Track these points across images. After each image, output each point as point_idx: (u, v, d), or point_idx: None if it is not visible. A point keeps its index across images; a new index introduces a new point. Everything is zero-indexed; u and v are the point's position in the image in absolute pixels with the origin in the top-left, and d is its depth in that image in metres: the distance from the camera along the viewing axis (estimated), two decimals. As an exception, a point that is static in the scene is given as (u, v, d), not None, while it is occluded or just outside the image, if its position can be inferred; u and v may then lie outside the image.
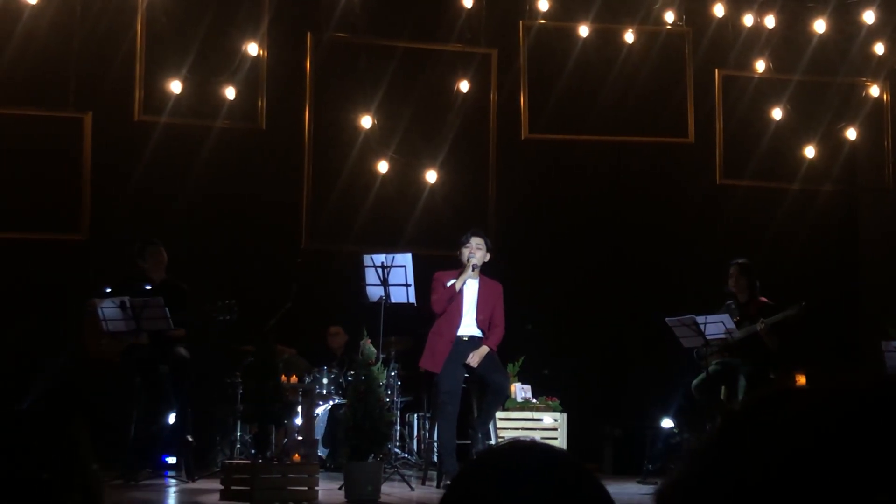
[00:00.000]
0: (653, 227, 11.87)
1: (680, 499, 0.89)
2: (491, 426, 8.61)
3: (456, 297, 8.55)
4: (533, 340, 10.70)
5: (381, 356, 8.36)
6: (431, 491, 8.34)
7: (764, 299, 9.63)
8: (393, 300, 9.15)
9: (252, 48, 11.24)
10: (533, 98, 11.92)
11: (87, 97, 10.90)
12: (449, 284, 8.57)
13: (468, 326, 8.61)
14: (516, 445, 1.23)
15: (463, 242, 8.64)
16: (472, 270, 8.53)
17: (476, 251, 8.55)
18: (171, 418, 8.76)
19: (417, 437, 10.55)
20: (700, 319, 8.98)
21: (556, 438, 9.60)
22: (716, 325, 9.01)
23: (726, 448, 0.87)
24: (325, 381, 10.41)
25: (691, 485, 0.89)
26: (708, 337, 9.00)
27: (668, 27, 11.98)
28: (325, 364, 10.61)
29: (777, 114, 12.07)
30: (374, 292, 9.20)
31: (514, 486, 1.19)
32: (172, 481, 8.68)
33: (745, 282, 9.63)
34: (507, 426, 9.41)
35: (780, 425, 0.85)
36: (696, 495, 0.88)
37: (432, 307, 8.64)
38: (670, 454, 9.73)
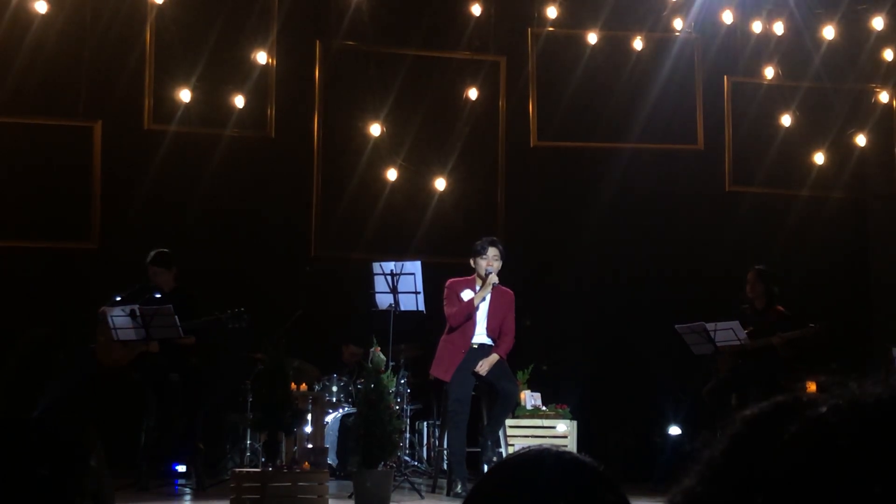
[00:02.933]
0: (662, 234, 11.86)
1: None
2: (501, 434, 8.60)
3: (472, 312, 8.52)
4: (541, 345, 10.68)
5: (391, 364, 8.36)
6: (441, 499, 8.33)
7: (781, 308, 9.59)
8: (402, 308, 9.16)
9: (261, 56, 11.27)
10: (542, 105, 11.94)
11: (97, 106, 10.94)
12: (467, 299, 8.51)
13: (479, 335, 8.60)
14: (538, 452, 1.24)
15: (479, 252, 8.54)
16: (492, 287, 8.50)
17: (493, 263, 8.49)
18: (182, 426, 8.77)
19: (427, 444, 10.54)
20: (710, 326, 8.96)
21: (566, 446, 9.57)
22: (726, 332, 8.99)
23: (740, 455, 0.87)
24: (334, 388, 10.41)
25: (704, 492, 0.89)
26: (718, 344, 8.98)
27: (677, 34, 11.99)
28: (335, 372, 10.61)
29: (786, 120, 12.07)
30: (384, 300, 9.21)
31: (535, 493, 1.19)
32: (183, 489, 8.70)
33: (762, 288, 9.60)
34: (517, 434, 9.40)
35: (796, 434, 0.85)
36: (710, 503, 0.88)
37: (448, 320, 8.59)
38: (681, 461, 9.70)
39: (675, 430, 10.30)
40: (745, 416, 0.91)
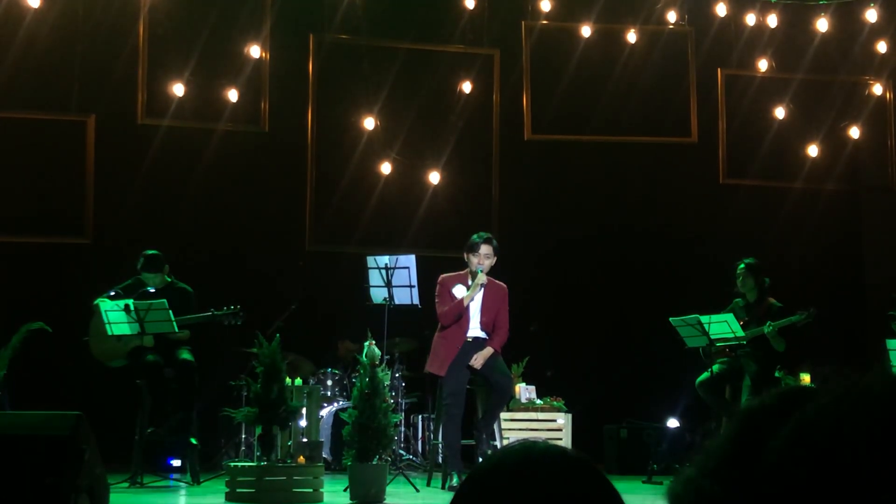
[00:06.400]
0: (656, 227, 11.87)
1: (694, 496, 0.89)
2: (495, 427, 8.60)
3: (463, 312, 8.50)
4: (537, 341, 10.70)
5: (386, 357, 8.35)
6: (436, 492, 8.33)
7: (772, 299, 9.62)
8: (397, 301, 9.16)
9: (254, 50, 11.25)
10: (536, 98, 11.93)
11: (90, 100, 10.92)
12: (458, 296, 8.48)
13: (473, 329, 8.59)
14: (526, 446, 1.23)
15: (472, 249, 8.51)
16: (480, 288, 8.47)
17: (484, 260, 8.44)
18: (176, 421, 8.76)
19: (422, 438, 10.55)
20: (704, 319, 8.96)
21: (560, 439, 9.59)
22: (720, 325, 8.99)
23: (744, 445, 0.88)
24: (329, 383, 10.42)
25: (707, 482, 0.89)
26: (712, 336, 8.99)
27: (671, 27, 11.99)
28: (330, 366, 10.61)
29: (780, 113, 12.07)
30: (378, 294, 9.21)
31: (523, 487, 1.18)
32: (177, 483, 8.69)
33: (752, 281, 9.62)
34: (512, 427, 9.40)
35: (799, 424, 0.85)
36: (712, 493, 0.88)
37: (440, 319, 8.57)
38: (677, 453, 9.73)
39: (672, 423, 10.31)
40: (749, 407, 0.91)
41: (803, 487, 0.82)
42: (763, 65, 12.10)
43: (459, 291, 8.53)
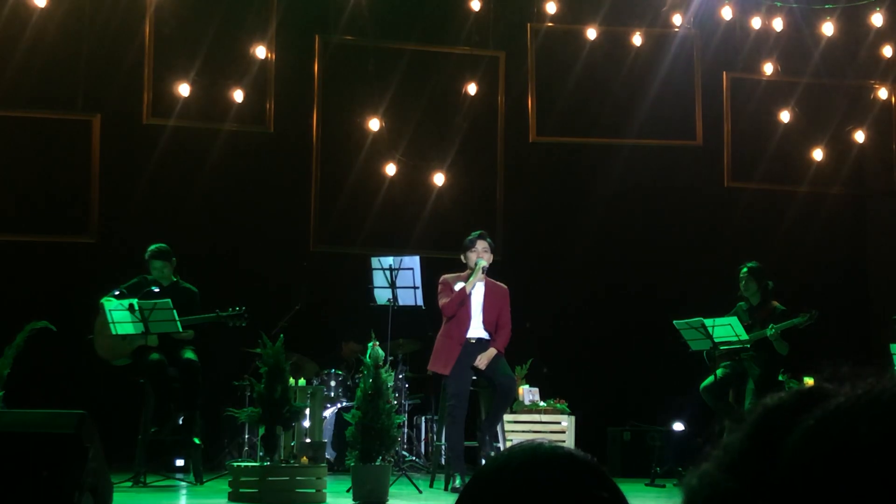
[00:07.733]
0: (661, 230, 11.86)
1: (709, 490, 0.89)
2: (499, 429, 8.60)
3: (465, 299, 8.54)
4: (540, 341, 10.69)
5: (389, 358, 8.35)
6: (439, 494, 8.33)
7: (775, 303, 9.63)
8: (401, 303, 9.16)
9: (260, 51, 11.26)
10: (541, 101, 11.93)
11: (96, 100, 10.93)
12: (459, 287, 8.53)
13: (476, 329, 8.60)
14: (532, 447, 1.23)
15: (469, 246, 8.59)
16: (483, 273, 8.51)
17: (483, 254, 8.53)
18: (180, 420, 8.76)
19: (425, 439, 10.56)
20: (708, 322, 8.96)
21: (564, 441, 9.58)
22: (724, 328, 8.99)
23: (761, 442, 0.88)
24: (332, 383, 10.42)
25: (722, 476, 0.89)
26: (716, 340, 8.99)
27: (676, 30, 11.98)
28: (334, 367, 10.61)
29: (785, 116, 12.06)
30: (382, 295, 9.21)
31: (529, 488, 1.18)
32: (181, 483, 8.69)
33: (755, 285, 9.63)
34: (515, 429, 9.40)
35: (816, 422, 0.85)
36: (727, 488, 0.88)
37: (442, 311, 8.60)
38: (680, 457, 9.71)
39: (677, 426, 10.30)
40: (766, 404, 0.91)
41: (817, 485, 0.82)
42: (768, 68, 12.09)
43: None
